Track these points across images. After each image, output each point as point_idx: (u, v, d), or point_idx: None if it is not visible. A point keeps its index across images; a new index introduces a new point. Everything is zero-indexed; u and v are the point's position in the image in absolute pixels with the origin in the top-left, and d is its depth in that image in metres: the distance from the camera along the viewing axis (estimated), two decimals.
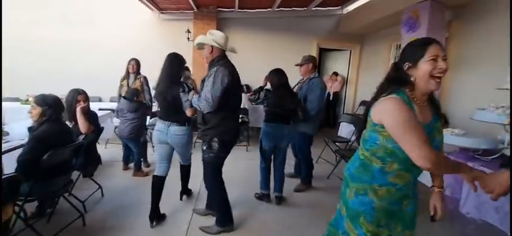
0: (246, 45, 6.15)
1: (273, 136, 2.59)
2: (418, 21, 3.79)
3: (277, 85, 2.62)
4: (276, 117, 2.57)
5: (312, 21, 6.41)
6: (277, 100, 2.57)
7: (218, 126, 2.00)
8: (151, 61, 4.38)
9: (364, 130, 1.24)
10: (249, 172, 3.51)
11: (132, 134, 3.24)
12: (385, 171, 1.13)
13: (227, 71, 1.94)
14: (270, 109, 2.58)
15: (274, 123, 2.57)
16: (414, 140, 0.98)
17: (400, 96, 1.07)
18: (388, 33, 5.60)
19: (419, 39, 1.17)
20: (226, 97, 1.94)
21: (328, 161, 3.99)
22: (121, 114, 3.28)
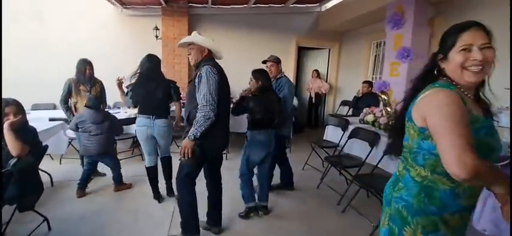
0: (220, 44, 5.59)
1: (264, 145, 2.39)
2: (403, 18, 3.64)
3: (266, 88, 2.40)
4: (266, 123, 2.36)
5: (291, 19, 6.14)
6: (269, 105, 2.37)
7: (206, 135, 1.80)
8: (114, 62, 3.77)
9: (407, 142, 0.99)
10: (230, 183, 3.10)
11: (102, 151, 2.82)
12: (457, 192, 0.88)
13: (216, 70, 1.87)
14: (260, 116, 2.32)
15: (264, 130, 2.36)
16: (458, 140, 0.76)
17: (451, 90, 0.88)
18: (368, 31, 5.49)
19: (456, 24, 0.96)
20: (218, 101, 1.82)
21: (315, 167, 3.71)
22: (83, 127, 2.75)
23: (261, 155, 2.41)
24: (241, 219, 2.46)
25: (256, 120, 2.33)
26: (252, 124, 2.37)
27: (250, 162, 2.42)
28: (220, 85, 1.85)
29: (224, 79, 1.97)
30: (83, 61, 3.08)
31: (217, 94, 1.80)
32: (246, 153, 2.43)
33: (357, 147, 3.13)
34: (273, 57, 2.90)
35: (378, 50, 5.37)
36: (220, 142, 2.00)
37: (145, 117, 2.50)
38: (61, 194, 2.86)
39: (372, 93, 4.93)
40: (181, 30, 5.33)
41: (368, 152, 2.80)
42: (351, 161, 2.94)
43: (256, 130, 2.35)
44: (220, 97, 1.82)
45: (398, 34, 3.75)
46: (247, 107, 2.33)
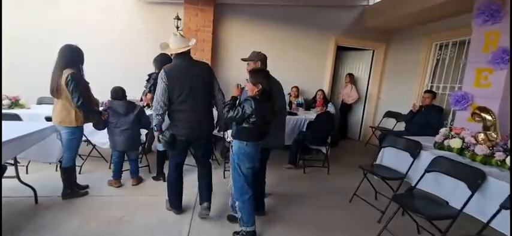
0: (248, 40, 4.96)
1: (254, 157, 2.03)
2: (504, 8, 2.68)
3: (268, 94, 1.94)
4: (261, 134, 1.99)
5: (330, 14, 5.27)
6: (272, 114, 1.98)
7: (172, 126, 2.24)
8: (127, 52, 3.14)
9: None
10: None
11: (129, 147, 2.82)
12: None
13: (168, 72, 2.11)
14: (255, 125, 1.89)
15: (256, 142, 1.99)
16: None
17: None
18: (428, 29, 4.50)
19: None
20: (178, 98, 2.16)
21: (369, 202, 2.84)
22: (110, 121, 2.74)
23: (251, 168, 2.04)
24: None
25: (249, 129, 1.90)
26: (244, 133, 1.93)
27: (246, 177, 2.03)
28: (178, 85, 2.09)
29: (183, 78, 2.10)
30: None
31: (166, 97, 2.09)
32: (236, 167, 2.02)
33: (435, 183, 2.24)
34: (253, 55, 2.36)
35: (441, 53, 4.36)
36: (184, 131, 2.18)
37: None
38: (47, 215, 2.22)
39: (434, 106, 3.96)
40: (205, 21, 4.63)
41: (463, 197, 1.91)
42: (438, 208, 2.04)
43: (245, 141, 1.94)
44: (180, 95, 2.10)
45: (493, 31, 2.78)
46: (245, 113, 1.86)
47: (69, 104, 2.33)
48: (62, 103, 2.33)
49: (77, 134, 2.47)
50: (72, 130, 2.41)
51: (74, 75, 2.27)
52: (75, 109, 2.35)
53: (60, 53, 2.32)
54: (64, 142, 2.43)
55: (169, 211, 2.43)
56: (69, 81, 2.24)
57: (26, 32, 4.32)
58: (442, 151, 2.45)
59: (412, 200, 2.15)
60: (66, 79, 2.24)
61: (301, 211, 2.67)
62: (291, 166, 3.82)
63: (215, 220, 2.39)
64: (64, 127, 2.38)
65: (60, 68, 2.28)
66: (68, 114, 2.34)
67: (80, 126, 2.45)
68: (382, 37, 5.51)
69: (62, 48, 2.33)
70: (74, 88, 2.25)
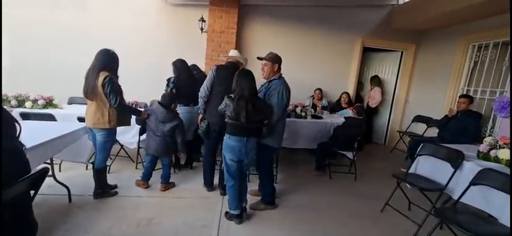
0: (271, 41, 4.90)
1: (236, 151, 2.24)
2: None
3: (245, 94, 2.19)
4: (241, 130, 2.20)
5: (357, 14, 5.09)
6: (247, 113, 2.16)
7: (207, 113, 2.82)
8: (154, 54, 3.19)
9: None
10: None
11: (161, 152, 2.84)
12: None
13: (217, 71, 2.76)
14: (231, 120, 2.20)
15: (238, 137, 2.22)
16: None
17: None
18: (465, 30, 4.22)
19: None
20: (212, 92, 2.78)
21: (403, 213, 2.68)
22: (148, 124, 2.82)
23: (235, 161, 2.26)
24: None
25: (230, 124, 2.21)
26: (227, 127, 2.26)
27: (230, 168, 2.29)
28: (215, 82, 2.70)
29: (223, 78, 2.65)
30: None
31: (209, 84, 2.71)
32: (223, 158, 2.30)
33: (481, 197, 2.07)
34: (269, 55, 2.49)
35: (479, 54, 4.08)
36: (217, 122, 2.61)
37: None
38: (80, 214, 2.28)
39: (472, 112, 3.71)
40: (229, 23, 4.62)
41: None
42: (487, 225, 1.87)
43: (229, 134, 2.25)
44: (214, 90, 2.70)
45: None
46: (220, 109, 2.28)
47: (103, 106, 2.37)
48: (96, 105, 2.37)
49: (111, 137, 2.51)
50: (106, 133, 2.45)
51: (111, 77, 2.32)
52: (109, 111, 2.38)
53: (97, 56, 2.37)
54: (98, 144, 2.48)
55: (197, 214, 2.43)
56: (107, 82, 2.28)
57: (57, 33, 4.50)
58: (488, 163, 2.26)
59: (456, 215, 1.99)
60: (103, 81, 2.28)
61: (329, 219, 2.56)
62: (319, 173, 3.71)
63: (242, 224, 2.35)
64: (98, 130, 2.42)
65: (96, 71, 2.32)
66: (102, 116, 2.38)
67: (113, 128, 2.48)
68: (412, 37, 5.25)
69: (99, 52, 2.39)
70: (112, 90, 2.30)
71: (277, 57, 2.49)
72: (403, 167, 3.81)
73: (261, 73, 2.53)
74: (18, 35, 4.34)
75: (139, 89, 4.07)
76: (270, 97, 2.39)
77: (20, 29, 4.37)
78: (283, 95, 2.37)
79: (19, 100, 3.42)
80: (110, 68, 2.36)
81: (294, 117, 3.80)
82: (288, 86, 2.46)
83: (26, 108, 3.32)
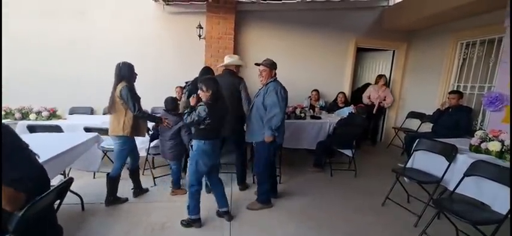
0: (268, 45, 5.05)
1: (211, 155, 2.31)
2: None
3: (218, 96, 2.25)
4: (215, 133, 2.31)
5: (350, 15, 5.26)
6: (222, 113, 2.30)
7: None
8: (153, 61, 3.30)
9: None
10: None
11: (171, 156, 2.94)
12: None
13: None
14: (211, 126, 2.23)
15: (213, 140, 2.31)
16: None
17: None
18: (454, 28, 4.41)
19: None
20: None
21: (403, 206, 2.83)
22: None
23: (208, 165, 2.32)
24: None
25: (206, 129, 2.22)
26: (201, 133, 2.24)
27: (200, 173, 2.31)
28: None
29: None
30: None
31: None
32: (193, 163, 2.28)
33: (475, 187, 2.22)
34: (266, 61, 2.62)
35: (467, 51, 4.28)
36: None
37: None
38: (94, 221, 2.35)
39: (462, 106, 3.89)
40: (227, 28, 4.73)
41: (506, 201, 1.90)
42: (481, 213, 2.03)
43: (203, 139, 2.24)
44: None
45: None
46: (200, 116, 2.17)
47: (120, 115, 2.49)
48: (114, 116, 2.50)
49: (127, 145, 2.61)
50: (123, 141, 2.55)
51: (128, 86, 2.44)
52: (124, 119, 2.49)
53: (115, 71, 2.49)
54: (115, 152, 2.59)
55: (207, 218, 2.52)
56: (123, 91, 2.41)
57: (56, 44, 4.51)
58: (479, 155, 2.42)
59: (452, 205, 2.14)
60: (120, 92, 2.42)
61: (334, 215, 2.69)
62: (317, 170, 3.85)
63: (253, 223, 2.45)
64: (114, 138, 2.54)
65: (114, 84, 2.47)
66: (118, 124, 2.49)
67: (128, 136, 2.56)
68: (403, 36, 5.45)
69: (117, 65, 2.51)
70: (129, 98, 2.42)
71: (274, 63, 2.64)
72: (400, 162, 3.99)
73: (259, 79, 2.66)
74: (17, 46, 4.35)
75: (140, 96, 4.14)
76: (269, 96, 2.51)
77: (18, 40, 4.37)
78: (281, 92, 2.52)
79: (23, 113, 3.45)
80: (127, 79, 2.49)
81: (294, 119, 3.92)
82: (283, 86, 2.61)
83: (31, 120, 3.36)
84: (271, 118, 2.47)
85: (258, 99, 2.61)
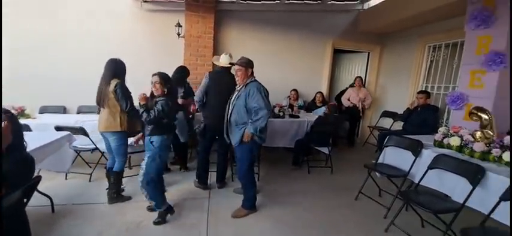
0: (248, 45, 5.09)
1: (169, 149, 2.51)
2: (494, 15, 2.87)
3: (172, 92, 2.39)
4: (174, 127, 2.51)
5: (327, 18, 5.43)
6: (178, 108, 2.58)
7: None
8: (131, 58, 3.29)
9: None
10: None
11: None
12: None
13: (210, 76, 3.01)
14: (171, 121, 2.40)
15: (171, 135, 2.47)
16: None
17: None
18: (422, 32, 4.70)
19: None
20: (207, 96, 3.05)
21: (374, 199, 2.98)
22: None
23: (164, 159, 2.46)
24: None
25: (167, 124, 2.31)
26: (163, 128, 2.30)
27: (161, 168, 2.41)
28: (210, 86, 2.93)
29: (217, 83, 2.93)
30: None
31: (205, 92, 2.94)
32: (157, 159, 2.30)
33: (438, 179, 2.39)
34: (241, 60, 2.55)
35: (434, 54, 4.57)
36: (214, 124, 2.90)
37: None
38: (65, 223, 2.26)
39: (429, 105, 4.14)
40: (206, 27, 4.71)
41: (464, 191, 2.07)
42: (442, 202, 2.18)
43: (166, 134, 2.33)
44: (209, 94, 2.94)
45: (486, 35, 2.98)
46: (164, 111, 2.22)
47: (115, 111, 2.50)
48: (107, 111, 2.50)
49: (124, 140, 2.62)
50: (119, 136, 2.55)
51: (121, 84, 2.47)
52: (120, 115, 2.50)
53: (106, 66, 2.52)
54: (114, 150, 2.60)
55: (183, 215, 2.51)
56: (117, 88, 2.43)
57: (26, 43, 4.28)
58: (442, 149, 2.60)
59: (418, 196, 2.29)
60: (114, 88, 2.43)
61: (310, 210, 2.77)
62: (295, 167, 3.94)
63: (229, 222, 2.48)
64: (111, 134, 2.52)
65: (107, 80, 2.48)
66: (114, 120, 2.50)
67: (125, 131, 2.57)
68: (377, 39, 5.71)
69: (108, 61, 2.54)
70: (122, 95, 2.44)
71: (249, 62, 2.56)
72: (374, 158, 4.17)
73: (236, 79, 2.60)
74: None
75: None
76: (254, 98, 2.43)
77: None
78: (264, 91, 2.50)
79: None
80: (118, 76, 2.51)
81: (273, 117, 3.99)
82: (263, 85, 2.59)
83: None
84: (258, 119, 2.41)
85: (240, 101, 2.50)
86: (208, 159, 3.12)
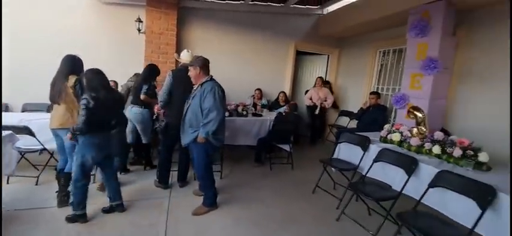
0: (212, 44, 5.10)
1: (101, 147, 2.28)
2: (429, 24, 3.25)
3: (94, 86, 2.18)
4: (105, 124, 2.28)
5: (290, 20, 5.65)
6: (112, 104, 2.28)
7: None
8: (87, 53, 3.15)
9: None
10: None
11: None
12: None
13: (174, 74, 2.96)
14: (98, 118, 2.18)
15: (102, 133, 2.28)
16: None
17: None
18: (373, 38, 5.12)
19: None
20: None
21: (329, 192, 3.20)
22: None
23: (99, 157, 2.30)
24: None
25: (91, 121, 2.12)
26: (89, 126, 2.12)
27: (86, 167, 2.25)
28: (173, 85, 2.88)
29: (180, 81, 2.83)
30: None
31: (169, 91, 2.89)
32: (79, 158, 2.21)
33: (381, 171, 2.65)
34: (193, 60, 2.56)
35: (384, 59, 5.01)
36: (176, 122, 2.75)
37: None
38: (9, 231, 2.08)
39: (379, 105, 4.54)
40: (169, 24, 4.62)
41: (402, 180, 2.34)
42: (383, 191, 2.44)
43: (91, 132, 2.17)
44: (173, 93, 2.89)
45: (423, 43, 3.36)
46: (88, 108, 2.10)
47: (73, 107, 2.39)
48: (64, 107, 2.38)
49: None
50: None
51: (80, 80, 2.35)
52: (78, 111, 2.35)
53: (64, 62, 2.43)
54: (68, 148, 2.45)
55: (141, 215, 2.47)
56: (77, 85, 2.34)
57: None
58: (386, 144, 2.89)
59: (364, 187, 2.52)
60: (74, 83, 2.34)
61: (271, 205, 2.89)
62: (257, 165, 4.06)
63: (189, 220, 2.49)
64: (67, 131, 2.31)
65: (64, 75, 2.37)
66: (71, 116, 2.39)
67: None
68: (336, 43, 6.08)
69: (65, 57, 2.45)
70: (81, 92, 2.32)
71: (199, 60, 2.50)
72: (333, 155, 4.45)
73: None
74: None
75: None
76: (206, 99, 2.39)
77: None
78: (218, 92, 2.43)
79: None
80: (76, 72, 2.41)
81: (236, 116, 4.05)
82: (220, 85, 2.54)
83: None
84: (208, 122, 2.37)
85: (195, 101, 2.48)
86: (170, 159, 3.09)
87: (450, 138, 2.43)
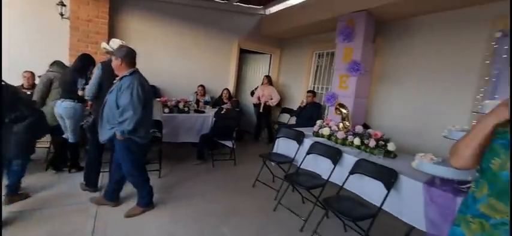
0: (150, 36, 4.83)
1: None
2: (354, 31, 3.67)
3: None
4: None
5: (234, 18, 5.70)
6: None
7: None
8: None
9: None
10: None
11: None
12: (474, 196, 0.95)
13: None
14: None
15: None
16: None
17: None
18: (310, 41, 5.53)
19: None
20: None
21: (268, 185, 3.35)
22: None
23: None
24: None
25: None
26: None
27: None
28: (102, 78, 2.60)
29: (111, 73, 2.42)
30: None
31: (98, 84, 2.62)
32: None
33: (313, 162, 2.91)
34: (117, 51, 2.32)
35: (319, 60, 5.46)
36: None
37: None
38: None
39: (315, 103, 4.94)
40: (99, 11, 4.19)
41: (329, 170, 2.61)
42: (314, 180, 2.67)
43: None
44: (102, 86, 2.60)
45: (349, 47, 3.78)
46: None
47: None
48: None
49: None
50: None
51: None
52: None
53: None
54: None
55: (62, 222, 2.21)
56: None
57: None
58: (318, 138, 3.17)
59: (298, 177, 2.73)
60: None
61: (213, 200, 2.90)
62: (200, 162, 4.01)
63: (122, 222, 2.33)
64: None
65: None
66: None
67: None
68: (277, 43, 6.37)
69: None
70: None
71: (122, 51, 2.27)
72: None
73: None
74: None
75: None
76: (122, 95, 2.18)
77: None
78: (137, 91, 2.18)
79: None
80: None
81: (177, 112, 3.92)
82: (142, 81, 2.30)
83: None
84: (123, 121, 2.16)
85: (111, 97, 2.26)
86: (100, 159, 2.83)
87: (367, 131, 2.80)
